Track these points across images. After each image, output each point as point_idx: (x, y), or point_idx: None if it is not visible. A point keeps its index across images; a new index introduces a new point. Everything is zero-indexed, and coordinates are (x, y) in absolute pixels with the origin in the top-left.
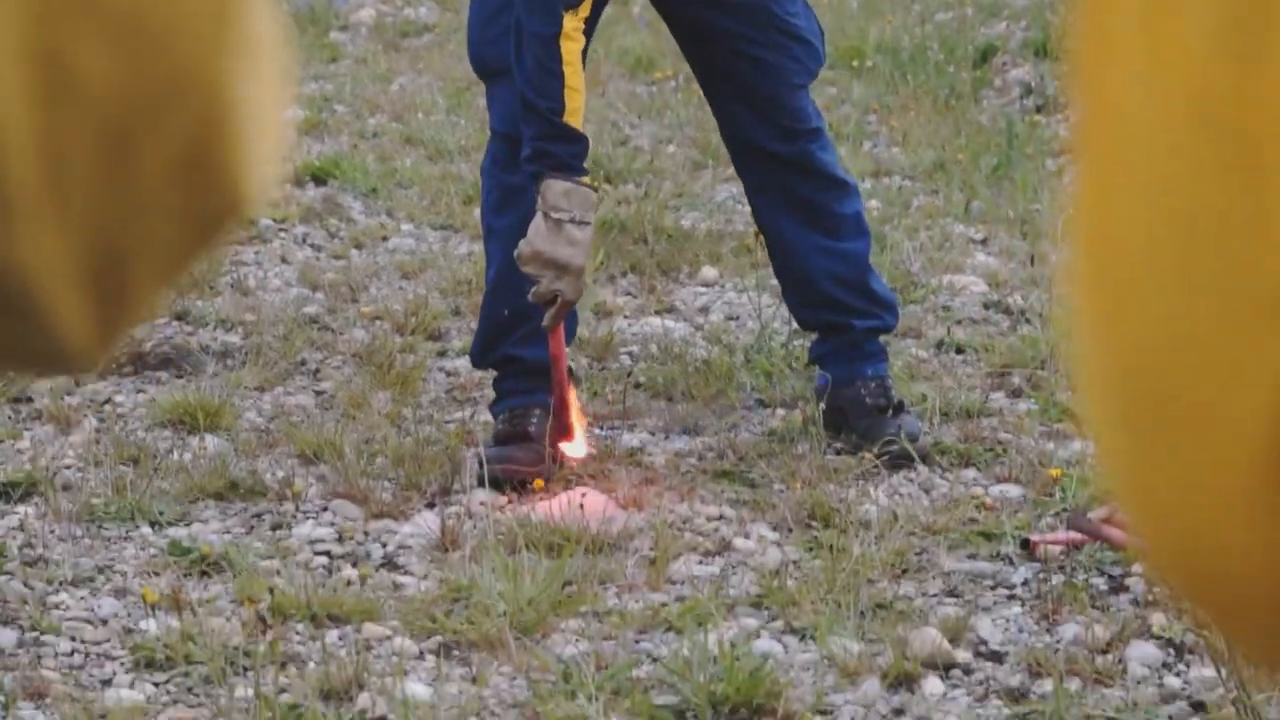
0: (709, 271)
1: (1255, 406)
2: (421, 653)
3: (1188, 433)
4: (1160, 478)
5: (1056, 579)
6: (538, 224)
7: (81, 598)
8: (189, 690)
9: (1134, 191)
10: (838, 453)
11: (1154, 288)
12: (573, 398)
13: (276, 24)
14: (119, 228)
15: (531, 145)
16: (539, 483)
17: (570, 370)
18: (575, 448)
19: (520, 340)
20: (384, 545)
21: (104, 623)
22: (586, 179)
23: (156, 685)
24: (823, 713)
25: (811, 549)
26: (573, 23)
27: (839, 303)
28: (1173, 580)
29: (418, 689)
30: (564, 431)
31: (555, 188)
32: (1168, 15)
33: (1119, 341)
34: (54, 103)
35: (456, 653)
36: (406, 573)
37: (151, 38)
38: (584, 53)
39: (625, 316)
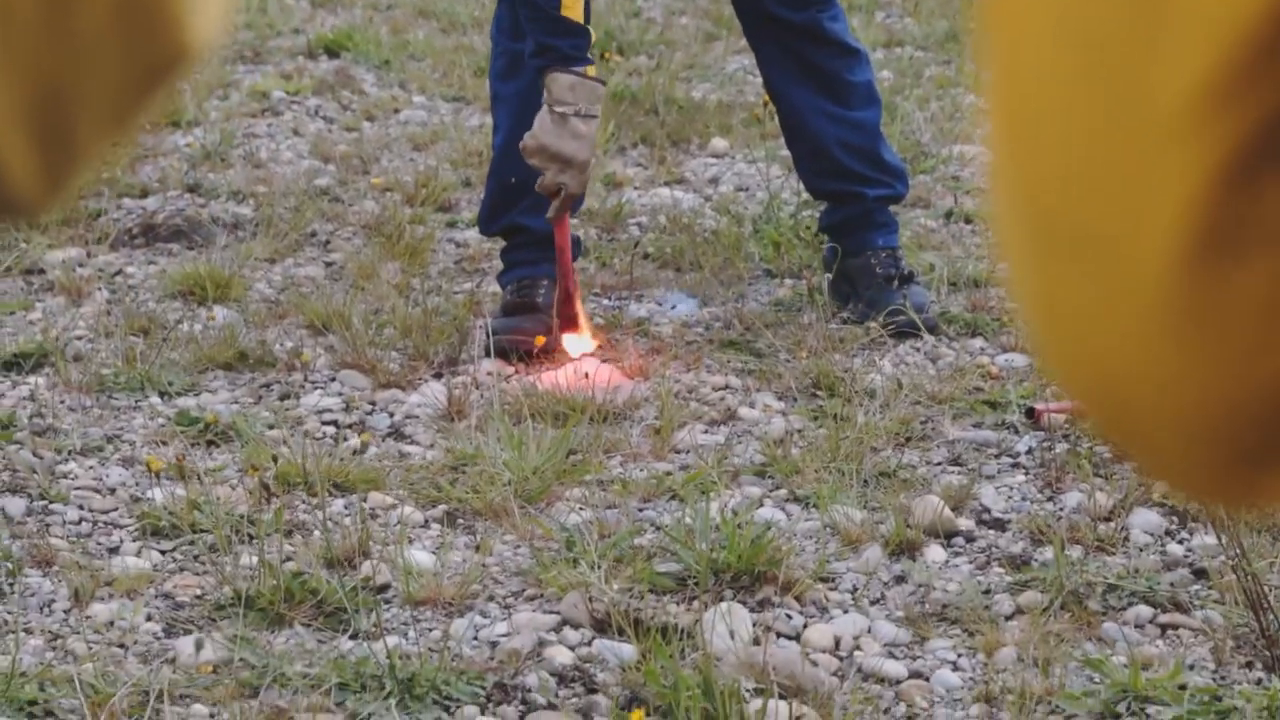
0: (719, 143)
1: (1156, 230)
2: (426, 521)
3: (1092, 258)
4: (1068, 304)
5: (1060, 447)
6: (543, 118)
7: (90, 467)
8: (195, 558)
9: (1036, 17)
10: (844, 322)
11: (1056, 115)
12: (577, 291)
13: None
14: (60, 73)
15: (534, 41)
16: (539, 339)
17: (578, 242)
18: (579, 341)
19: (528, 209)
20: (391, 415)
21: (112, 491)
22: (591, 70)
23: (163, 553)
24: (824, 580)
25: (816, 418)
26: None
27: (850, 171)
28: (1085, 405)
29: (421, 556)
30: (568, 323)
31: (560, 81)
32: None
33: (1025, 170)
34: None
35: (461, 521)
36: (413, 442)
37: None
38: None
39: (635, 187)
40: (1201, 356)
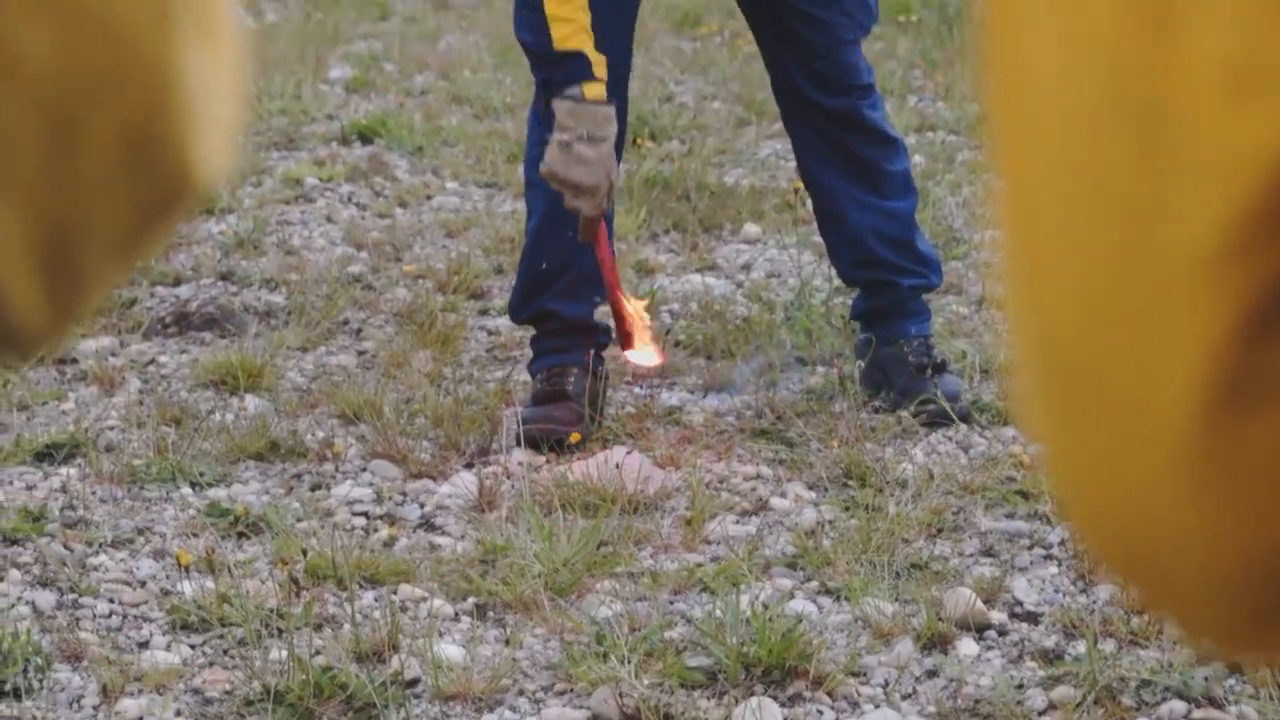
0: (751, 228)
1: (1173, 382)
2: (456, 614)
3: (1110, 410)
4: (1083, 452)
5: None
6: (551, 147)
7: (121, 559)
8: (224, 652)
9: (1049, 166)
10: (876, 411)
11: (1071, 264)
12: (632, 305)
13: (232, 5)
14: (66, 208)
15: (537, 81)
16: (575, 436)
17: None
18: (644, 355)
19: (559, 294)
20: (422, 505)
21: (142, 584)
22: (590, 90)
23: (193, 647)
24: (855, 674)
25: (848, 508)
26: None
27: (885, 261)
28: (1105, 558)
29: (451, 650)
30: (626, 340)
31: (560, 108)
32: None
33: (1040, 319)
34: None
35: (491, 614)
36: (443, 533)
37: (93, 18)
38: None
39: (667, 274)
40: (1218, 510)
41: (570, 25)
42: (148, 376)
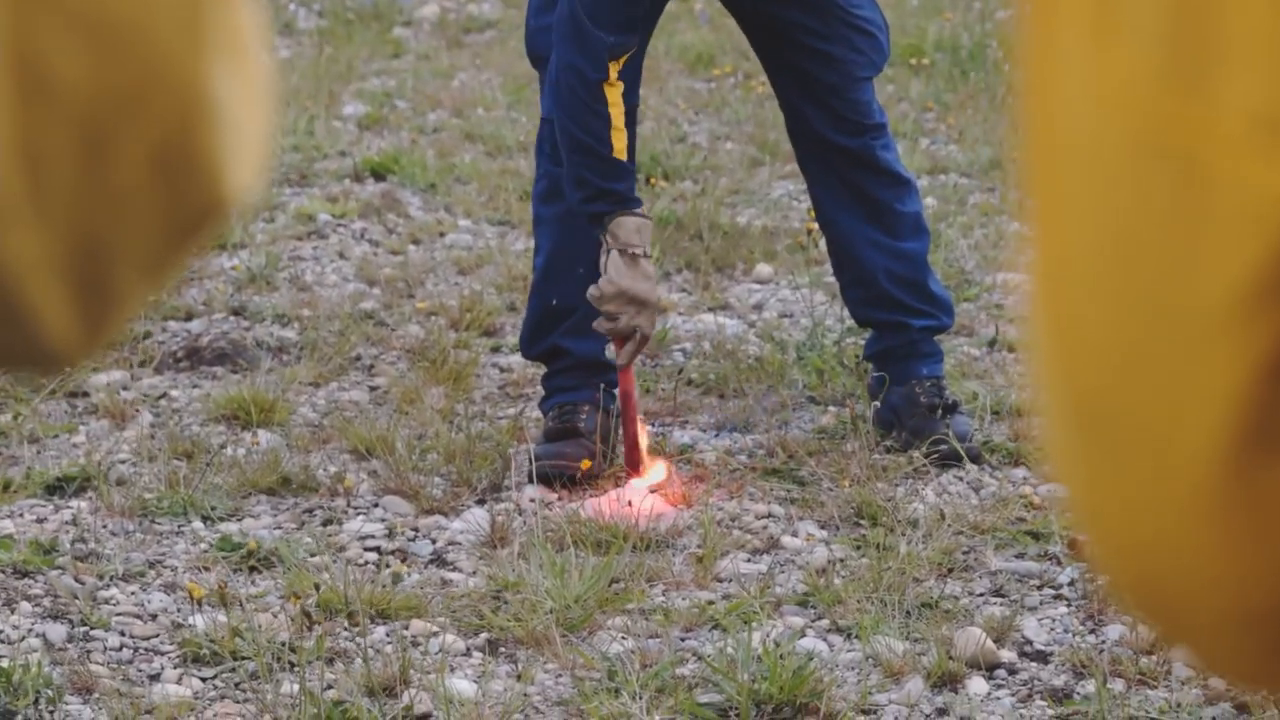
0: (763, 268)
1: (1200, 423)
2: (468, 649)
3: (1137, 452)
4: (1110, 492)
5: (1102, 579)
6: (615, 261)
7: (132, 592)
8: (236, 686)
9: (1082, 217)
10: (887, 451)
11: (1102, 310)
12: (643, 432)
13: (258, 24)
14: (98, 224)
15: (589, 185)
16: (585, 463)
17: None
18: (645, 483)
19: (569, 331)
20: (433, 541)
21: (153, 618)
22: (643, 210)
23: (204, 680)
24: (866, 712)
25: (859, 547)
26: (615, 69)
27: (897, 302)
28: (1130, 598)
29: (462, 685)
30: (635, 466)
31: (628, 224)
32: (1113, 45)
33: (1068, 364)
34: (30, 103)
35: (503, 649)
36: (455, 569)
37: (125, 39)
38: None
39: (679, 313)
40: (1243, 552)
41: (623, 139)
42: (159, 410)
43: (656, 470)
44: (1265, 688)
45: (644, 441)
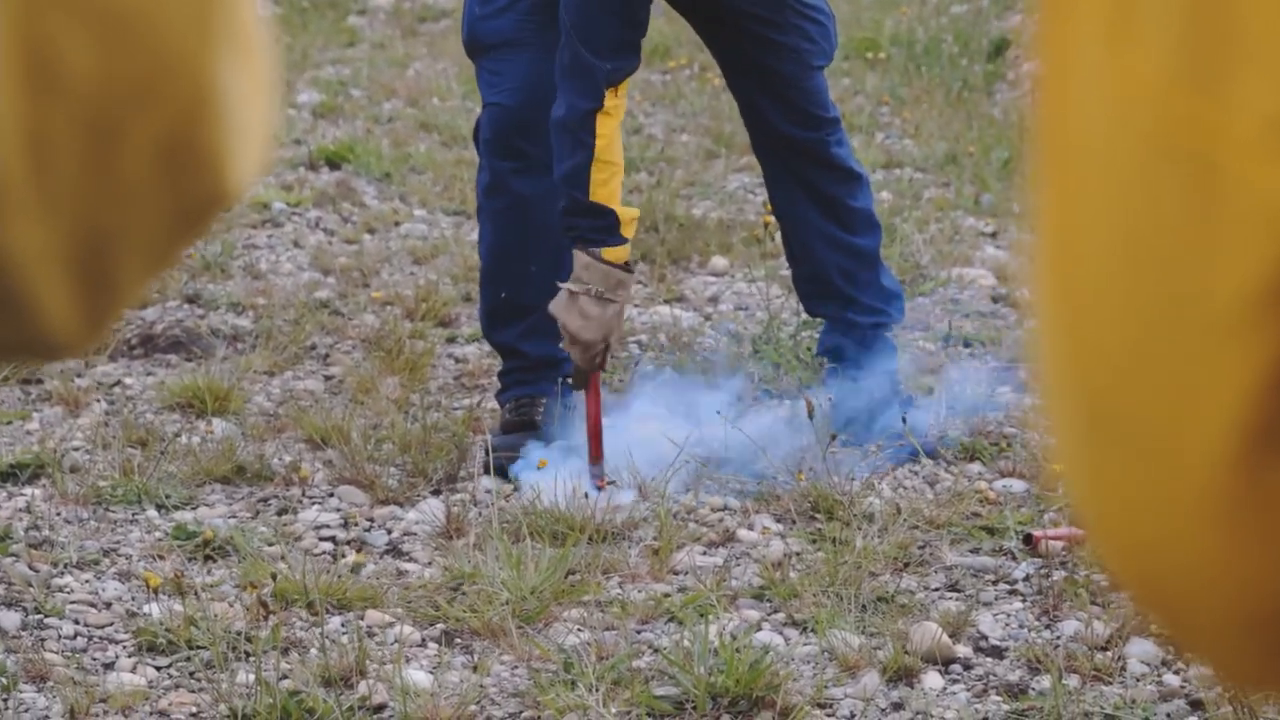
0: (719, 261)
1: (1209, 423)
2: (424, 640)
3: (1144, 452)
4: (1116, 490)
5: (1058, 575)
6: (561, 291)
7: (86, 580)
8: (191, 675)
9: (1094, 218)
10: (843, 445)
11: (1113, 311)
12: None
13: (263, 17)
14: (104, 216)
15: (561, 213)
16: (542, 462)
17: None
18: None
19: (524, 334)
20: (389, 531)
21: (108, 606)
22: (613, 253)
23: (158, 669)
24: (822, 706)
25: (815, 541)
26: (612, 99)
27: (849, 298)
28: (1135, 596)
29: (418, 676)
30: (599, 482)
31: (579, 259)
32: (1129, 47)
33: (1079, 362)
34: (39, 93)
35: (459, 640)
36: (411, 559)
37: (133, 30)
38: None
39: (635, 305)
40: (1249, 552)
41: (609, 170)
42: (113, 398)
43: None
44: (1267, 689)
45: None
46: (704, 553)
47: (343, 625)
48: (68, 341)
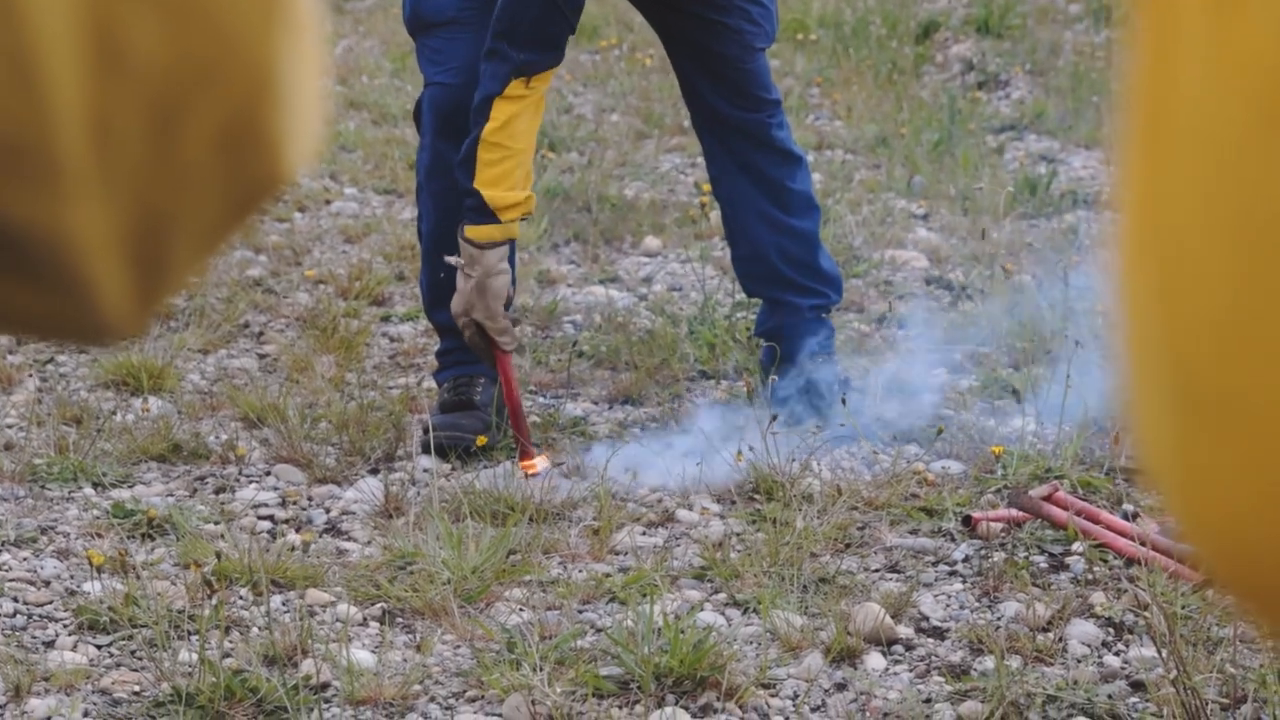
0: (652, 241)
1: None
2: (365, 619)
3: (1247, 429)
4: (1214, 474)
5: (997, 556)
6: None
7: (24, 558)
8: (132, 653)
9: (1195, 186)
10: (781, 426)
11: (1213, 283)
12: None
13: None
14: (162, 199)
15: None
16: (481, 439)
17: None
18: (535, 467)
19: None
20: (327, 511)
21: (47, 584)
22: (477, 230)
23: (99, 648)
24: (766, 686)
25: (754, 522)
26: (519, 89)
27: (786, 279)
28: (1223, 575)
29: (362, 656)
30: (524, 456)
31: (459, 234)
32: (1236, 14)
33: (1173, 338)
34: (104, 74)
35: (400, 620)
36: (350, 539)
37: (199, 12)
38: None
39: (568, 285)
40: None
41: (499, 151)
42: (46, 375)
43: (539, 464)
44: None
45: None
46: (644, 533)
47: (284, 604)
48: (119, 324)
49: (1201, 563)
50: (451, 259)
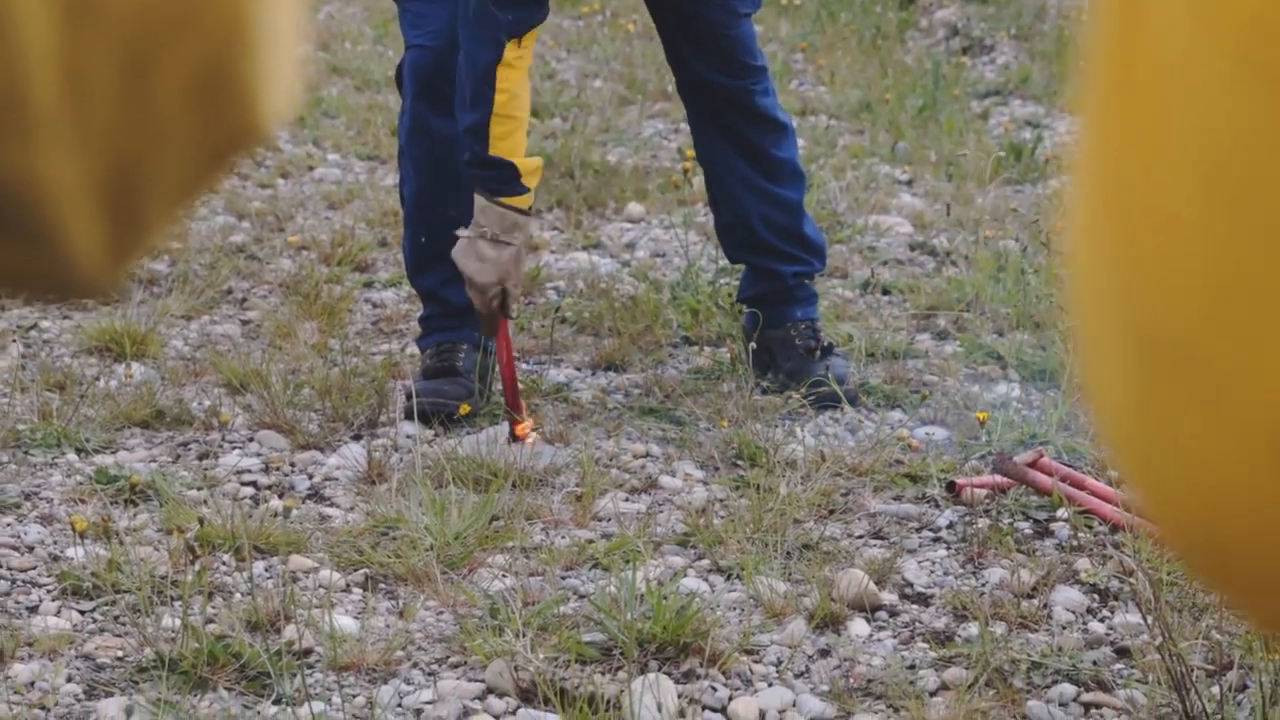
0: (635, 208)
1: None
2: (348, 585)
3: (1215, 399)
4: (1179, 445)
5: (982, 522)
6: (460, 240)
7: (7, 524)
8: (115, 619)
9: (1167, 140)
10: (764, 392)
11: (1190, 245)
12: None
13: None
14: (135, 149)
15: (465, 163)
16: (464, 408)
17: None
18: (527, 447)
19: (445, 280)
20: (310, 476)
21: (30, 549)
22: (514, 199)
23: (83, 613)
24: (749, 653)
25: (738, 488)
26: (515, 51)
27: (771, 247)
28: (1184, 549)
29: (345, 621)
30: (515, 426)
31: (477, 202)
32: None
33: (1139, 303)
34: (76, 21)
35: (383, 586)
36: (333, 504)
37: None
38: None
39: (552, 251)
40: None
41: (510, 125)
42: (30, 341)
43: (531, 443)
44: None
45: (523, 404)
46: (627, 499)
47: (266, 570)
48: (94, 277)
49: (1168, 540)
50: (474, 230)
